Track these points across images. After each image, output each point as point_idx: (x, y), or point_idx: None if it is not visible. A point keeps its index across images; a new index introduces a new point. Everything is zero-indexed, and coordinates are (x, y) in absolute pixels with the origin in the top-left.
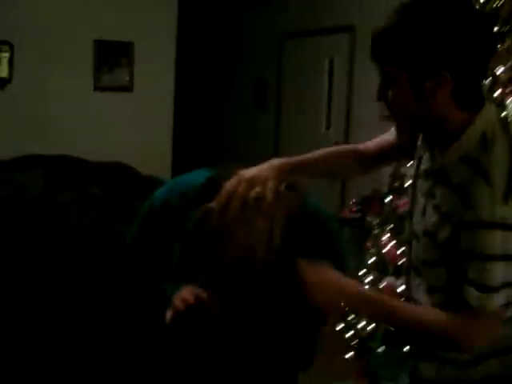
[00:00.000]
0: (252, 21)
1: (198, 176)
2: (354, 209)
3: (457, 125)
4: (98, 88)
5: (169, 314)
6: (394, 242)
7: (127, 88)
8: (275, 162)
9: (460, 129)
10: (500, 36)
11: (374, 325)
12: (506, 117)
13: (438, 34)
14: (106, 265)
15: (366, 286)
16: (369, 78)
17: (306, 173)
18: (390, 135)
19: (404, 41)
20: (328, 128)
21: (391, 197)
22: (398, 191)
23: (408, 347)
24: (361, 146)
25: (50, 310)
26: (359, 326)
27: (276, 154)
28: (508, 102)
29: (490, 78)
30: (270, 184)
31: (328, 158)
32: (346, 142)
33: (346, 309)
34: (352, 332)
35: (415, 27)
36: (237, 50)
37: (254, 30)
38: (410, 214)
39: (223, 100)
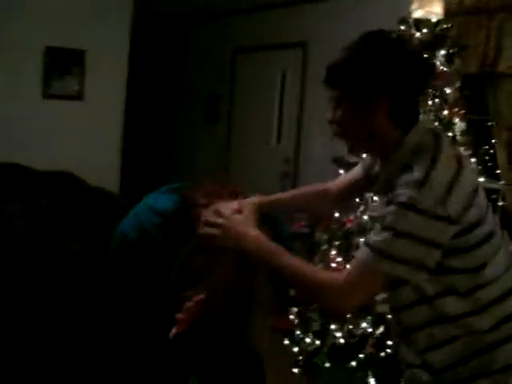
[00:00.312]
0: (206, 35)
1: (167, 201)
2: (304, 223)
3: (393, 140)
4: (48, 96)
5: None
6: (341, 258)
7: (77, 97)
8: (253, 199)
9: (395, 144)
10: (449, 57)
11: (319, 341)
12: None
13: (377, 65)
14: (50, 276)
15: None
16: (320, 94)
17: (280, 210)
18: (358, 168)
19: (352, 70)
20: (279, 142)
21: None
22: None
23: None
24: (330, 185)
25: None
26: (306, 341)
27: (227, 167)
28: (456, 121)
29: (438, 99)
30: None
31: (299, 198)
32: (297, 156)
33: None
34: (297, 348)
35: (361, 59)
36: (190, 64)
37: (207, 43)
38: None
39: (175, 113)
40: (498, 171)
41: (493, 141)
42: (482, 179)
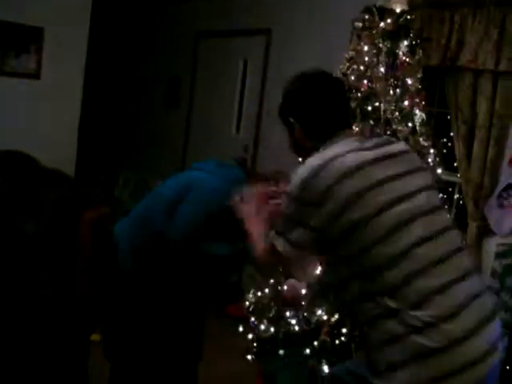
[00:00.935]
0: (169, 17)
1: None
2: None
3: (310, 148)
4: (4, 73)
5: None
6: None
7: (34, 75)
8: None
9: (313, 150)
10: (411, 48)
11: (273, 328)
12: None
13: (294, 97)
14: (8, 257)
15: (267, 289)
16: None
17: None
18: None
19: (283, 106)
20: (238, 131)
21: None
22: None
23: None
24: None
25: None
26: (260, 327)
27: (184, 153)
28: (416, 111)
29: (400, 89)
30: None
31: None
32: (255, 145)
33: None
34: (252, 334)
35: (287, 93)
36: (153, 45)
37: (170, 26)
38: None
39: (135, 95)
40: (455, 164)
41: (451, 134)
42: (439, 171)
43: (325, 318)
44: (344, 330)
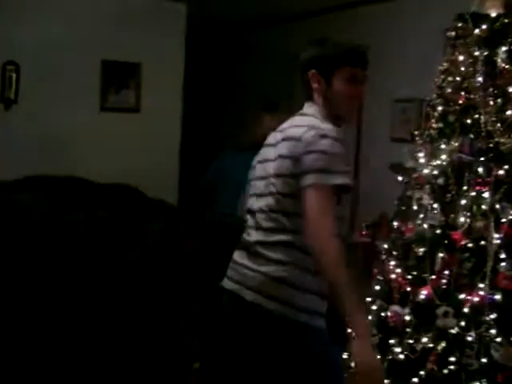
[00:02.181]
0: (263, 41)
1: None
2: (364, 232)
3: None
4: (105, 109)
5: None
6: (400, 269)
7: (134, 109)
8: None
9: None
10: (510, 54)
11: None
12: None
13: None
14: (111, 286)
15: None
16: (378, 99)
17: None
18: None
19: None
20: None
21: (397, 222)
22: (405, 215)
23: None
24: None
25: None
26: None
27: None
28: None
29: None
30: None
31: None
32: (356, 164)
33: None
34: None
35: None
36: (248, 71)
37: (265, 50)
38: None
39: (233, 122)
40: None
41: None
42: None
43: (431, 345)
44: (452, 359)
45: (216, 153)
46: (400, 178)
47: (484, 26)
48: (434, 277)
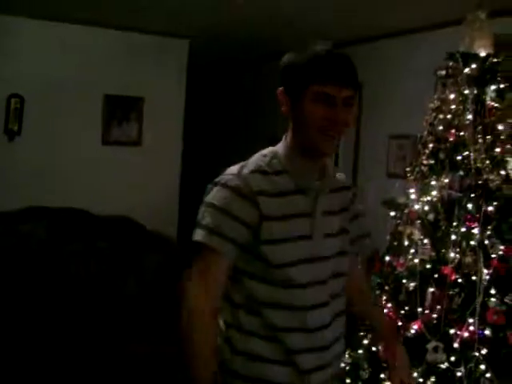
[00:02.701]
0: (263, 77)
1: None
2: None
3: None
4: (107, 142)
5: None
6: (392, 304)
7: (136, 142)
8: None
9: None
10: (499, 92)
11: None
12: None
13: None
14: (107, 315)
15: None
16: (374, 135)
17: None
18: None
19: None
20: None
21: (389, 257)
22: (397, 250)
23: None
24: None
25: (55, 357)
26: None
27: None
28: (509, 159)
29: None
30: None
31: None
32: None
33: None
34: None
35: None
36: (249, 107)
37: (264, 86)
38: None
39: (236, 157)
40: None
41: None
42: None
43: (421, 380)
44: None
45: None
46: (392, 214)
47: (474, 66)
48: (424, 311)
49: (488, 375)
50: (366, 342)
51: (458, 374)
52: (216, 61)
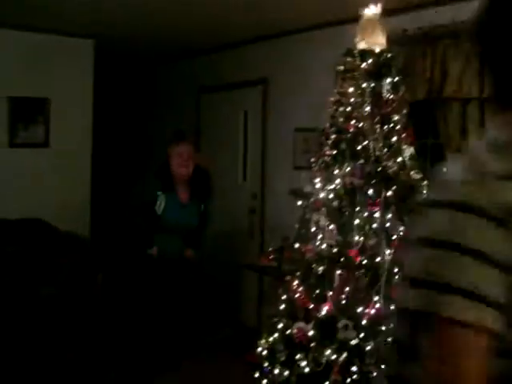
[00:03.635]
0: (171, 74)
1: None
2: (271, 257)
3: None
4: (14, 145)
5: None
6: (302, 287)
7: (44, 144)
8: None
9: None
10: (394, 85)
11: (286, 372)
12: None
13: None
14: (24, 322)
15: (277, 333)
16: (280, 129)
17: None
18: None
19: None
20: (245, 179)
21: (298, 244)
22: (305, 237)
23: None
24: None
25: None
26: (275, 372)
27: None
28: (404, 147)
29: (386, 126)
30: None
31: None
32: (262, 192)
33: None
34: (266, 380)
35: None
36: (158, 103)
37: (173, 83)
38: None
39: (144, 154)
40: None
41: None
42: None
43: (334, 357)
44: (354, 368)
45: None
46: (299, 203)
47: (370, 61)
48: (333, 293)
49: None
50: (280, 325)
51: (368, 347)
52: (123, 59)
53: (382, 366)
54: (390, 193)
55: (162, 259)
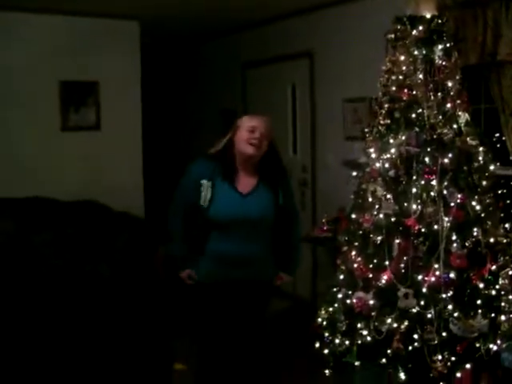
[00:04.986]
0: (216, 52)
1: None
2: (325, 228)
3: None
4: (66, 128)
5: None
6: (361, 258)
7: (95, 127)
8: None
9: None
10: (446, 51)
11: (347, 342)
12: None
13: None
14: (82, 302)
15: (336, 303)
16: (329, 101)
17: None
18: None
19: None
20: (295, 152)
21: (354, 214)
22: (361, 207)
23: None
24: None
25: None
26: (335, 342)
27: None
28: (459, 113)
29: (440, 93)
30: None
31: None
32: (313, 164)
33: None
34: (327, 350)
35: None
36: (203, 81)
37: (216, 60)
38: None
39: (193, 132)
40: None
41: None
42: (492, 167)
43: (395, 325)
44: (415, 336)
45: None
46: (354, 174)
47: (420, 28)
48: (392, 262)
49: (456, 314)
50: (340, 295)
51: (429, 316)
52: (167, 40)
53: (444, 334)
54: (446, 160)
55: (205, 286)
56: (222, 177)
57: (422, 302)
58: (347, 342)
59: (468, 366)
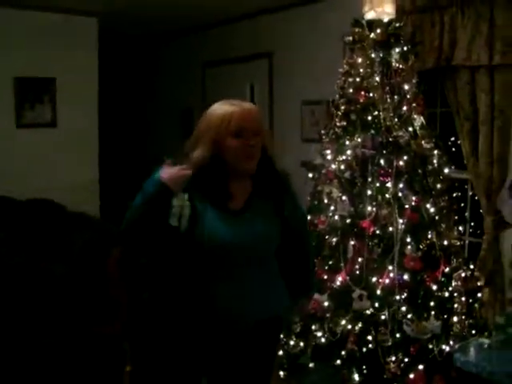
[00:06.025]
0: (175, 51)
1: None
2: None
3: None
4: (21, 125)
5: None
6: (317, 259)
7: (51, 124)
8: None
9: None
10: (403, 55)
11: (302, 343)
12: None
13: None
14: (38, 302)
15: None
16: (287, 103)
17: None
18: None
19: None
20: None
21: (310, 216)
22: (317, 209)
23: (339, 361)
24: None
25: None
26: (290, 343)
27: None
28: (414, 116)
29: (397, 96)
30: None
31: None
32: None
33: None
34: (282, 351)
35: None
36: (163, 81)
37: (177, 60)
38: None
39: (151, 131)
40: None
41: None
42: (446, 171)
43: (349, 327)
44: (369, 338)
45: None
46: (310, 175)
47: (378, 31)
48: (347, 264)
49: (409, 316)
50: None
51: (383, 317)
52: (126, 38)
53: (397, 335)
54: (401, 163)
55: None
56: (206, 198)
57: (376, 304)
58: (302, 344)
59: (421, 366)
